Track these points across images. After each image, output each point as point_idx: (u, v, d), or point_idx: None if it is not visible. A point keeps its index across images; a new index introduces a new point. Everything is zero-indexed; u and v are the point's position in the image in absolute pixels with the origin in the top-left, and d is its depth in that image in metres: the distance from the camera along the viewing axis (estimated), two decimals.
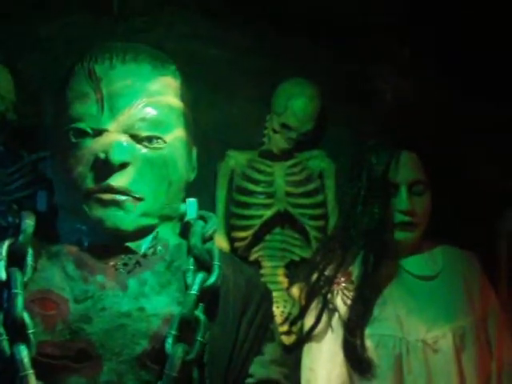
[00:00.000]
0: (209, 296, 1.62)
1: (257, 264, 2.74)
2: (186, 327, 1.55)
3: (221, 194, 2.78)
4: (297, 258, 2.74)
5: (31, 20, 2.78)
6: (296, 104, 2.71)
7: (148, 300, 1.58)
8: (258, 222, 2.72)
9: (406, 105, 2.71)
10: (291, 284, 2.67)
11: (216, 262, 1.65)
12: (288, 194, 2.75)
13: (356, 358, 2.21)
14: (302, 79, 2.76)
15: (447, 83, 2.76)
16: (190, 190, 1.85)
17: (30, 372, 1.46)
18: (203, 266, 1.65)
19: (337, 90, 2.81)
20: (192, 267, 1.65)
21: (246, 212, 2.75)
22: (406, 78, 2.78)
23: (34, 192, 2.61)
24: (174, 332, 1.53)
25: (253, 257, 2.75)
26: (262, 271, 2.71)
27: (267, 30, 2.81)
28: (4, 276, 1.53)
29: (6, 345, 1.48)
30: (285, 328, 2.55)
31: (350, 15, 2.80)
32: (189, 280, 1.62)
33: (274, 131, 2.76)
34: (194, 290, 1.58)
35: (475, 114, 2.77)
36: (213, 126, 2.70)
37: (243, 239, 2.74)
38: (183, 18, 2.85)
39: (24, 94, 2.76)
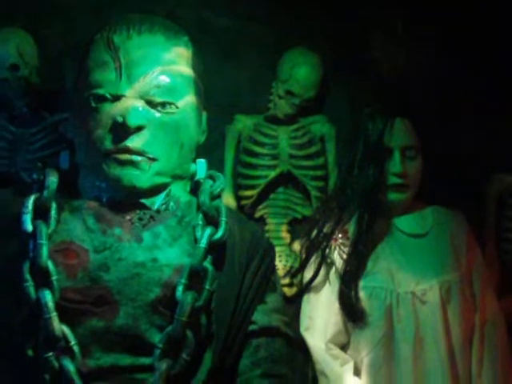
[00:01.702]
0: (216, 249, 1.63)
1: (262, 221, 2.79)
2: (195, 277, 1.56)
3: (229, 156, 2.82)
4: (298, 216, 2.80)
5: None
6: (299, 72, 2.73)
7: (161, 251, 1.60)
8: (263, 182, 2.78)
9: (401, 74, 2.74)
10: (293, 239, 2.74)
11: (223, 218, 1.66)
12: (291, 156, 2.79)
13: (350, 308, 2.26)
14: (305, 49, 2.79)
15: (439, 53, 2.78)
16: (201, 151, 1.85)
17: (54, 314, 1.47)
18: (211, 221, 1.65)
19: (338, 59, 2.84)
20: (201, 222, 1.65)
21: (252, 172, 2.79)
22: (401, 49, 2.79)
23: (55, 151, 2.65)
24: (184, 281, 1.55)
25: (258, 214, 2.80)
26: (267, 227, 2.76)
27: (274, 1, 2.83)
28: (30, 228, 1.54)
29: (32, 290, 1.49)
30: (287, 280, 2.61)
31: None
32: (198, 234, 1.63)
33: (279, 97, 2.79)
34: (203, 244, 1.60)
35: (465, 84, 2.79)
36: (222, 92, 2.72)
37: (249, 197, 2.79)
38: None
39: (46, 59, 2.78)
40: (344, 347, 2.32)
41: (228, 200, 2.68)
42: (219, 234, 1.64)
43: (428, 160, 2.39)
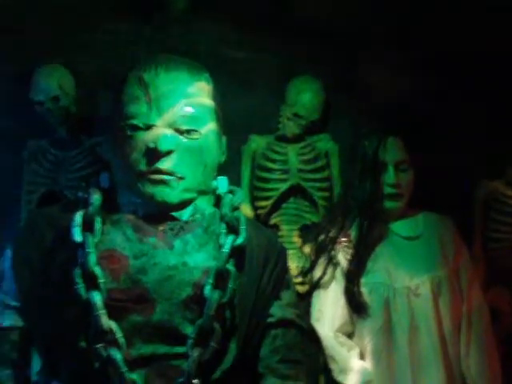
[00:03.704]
0: (237, 253, 1.68)
1: (276, 227, 2.84)
2: (220, 277, 1.62)
3: (245, 171, 2.88)
4: (308, 222, 2.85)
5: (87, 30, 2.90)
6: (305, 97, 2.80)
7: (190, 256, 1.65)
8: (276, 194, 2.83)
9: (395, 98, 2.81)
10: (304, 243, 2.77)
11: (243, 227, 1.71)
12: (300, 171, 2.85)
13: (354, 302, 2.33)
14: (309, 76, 2.84)
15: (428, 79, 2.86)
16: (221, 168, 1.89)
17: (103, 312, 1.54)
18: (232, 229, 1.71)
19: (338, 85, 2.89)
20: (224, 231, 1.71)
21: (266, 185, 2.85)
22: (394, 77, 2.87)
23: (92, 171, 2.75)
24: (211, 281, 1.60)
25: (272, 221, 2.86)
26: (280, 233, 2.81)
27: (280, 35, 2.90)
28: (80, 238, 1.61)
29: (83, 292, 1.56)
30: (299, 279, 2.65)
31: (350, 23, 2.89)
32: (222, 241, 1.69)
33: (288, 119, 2.85)
34: (226, 249, 1.65)
35: (450, 102, 2.86)
36: (238, 115, 2.74)
37: (264, 207, 2.85)
38: (212, 26, 2.94)
39: (82, 90, 2.87)
40: (350, 335, 2.37)
41: (246, 210, 2.72)
42: (240, 241, 1.69)
43: (420, 171, 2.46)
